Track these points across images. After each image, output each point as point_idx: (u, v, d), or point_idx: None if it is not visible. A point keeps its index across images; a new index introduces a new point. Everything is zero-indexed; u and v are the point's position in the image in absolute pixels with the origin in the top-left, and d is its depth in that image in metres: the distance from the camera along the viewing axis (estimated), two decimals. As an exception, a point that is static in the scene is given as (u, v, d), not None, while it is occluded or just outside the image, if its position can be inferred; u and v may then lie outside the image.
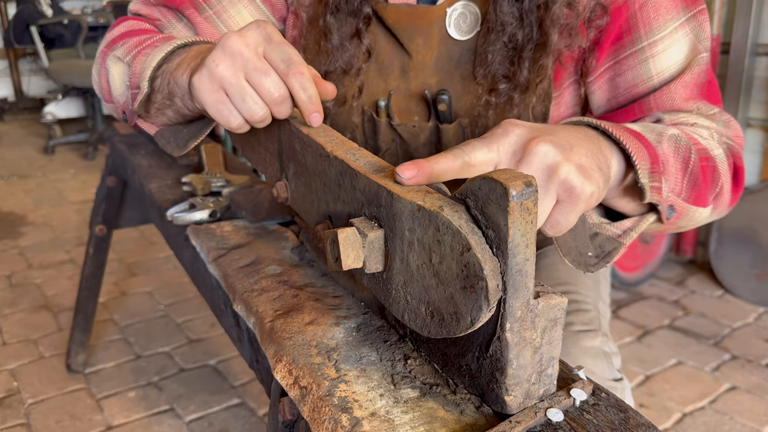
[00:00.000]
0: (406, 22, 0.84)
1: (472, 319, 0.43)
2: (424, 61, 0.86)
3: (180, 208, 0.95)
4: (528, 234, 0.41)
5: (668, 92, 0.80)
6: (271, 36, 0.62)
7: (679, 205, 0.69)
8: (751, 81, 2.29)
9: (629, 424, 0.45)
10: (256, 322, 0.63)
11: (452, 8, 0.82)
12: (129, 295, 2.35)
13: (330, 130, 0.62)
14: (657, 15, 0.79)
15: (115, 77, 0.83)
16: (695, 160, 0.72)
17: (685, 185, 0.71)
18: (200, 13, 0.90)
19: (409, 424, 0.46)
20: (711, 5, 2.24)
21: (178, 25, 0.93)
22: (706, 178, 0.73)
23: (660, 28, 0.79)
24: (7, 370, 1.88)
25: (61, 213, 3.23)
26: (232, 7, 0.90)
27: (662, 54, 0.80)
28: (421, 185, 0.49)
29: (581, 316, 0.88)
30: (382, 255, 0.51)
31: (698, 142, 0.76)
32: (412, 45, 0.85)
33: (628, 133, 0.64)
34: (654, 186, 0.64)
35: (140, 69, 0.77)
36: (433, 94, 0.86)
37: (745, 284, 2.26)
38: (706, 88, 0.82)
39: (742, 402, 1.72)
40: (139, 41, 0.82)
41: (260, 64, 0.60)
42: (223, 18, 0.90)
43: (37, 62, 5.35)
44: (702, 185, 0.73)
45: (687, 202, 0.70)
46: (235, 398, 1.76)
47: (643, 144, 0.65)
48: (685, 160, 0.71)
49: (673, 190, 0.68)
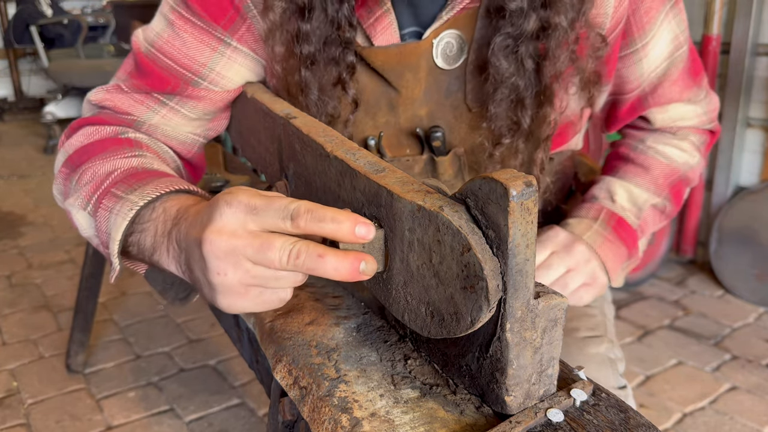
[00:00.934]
0: (396, 62, 0.79)
1: (472, 319, 0.43)
2: (413, 95, 0.82)
3: (180, 208, 0.94)
4: (528, 234, 0.41)
5: (662, 93, 0.89)
6: (251, 204, 0.50)
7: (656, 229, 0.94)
8: (751, 81, 2.29)
9: (629, 424, 0.45)
10: (256, 322, 0.63)
11: (438, 39, 0.78)
12: (129, 295, 2.35)
13: (330, 130, 0.62)
14: (649, 18, 0.82)
15: (81, 222, 0.73)
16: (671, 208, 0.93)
17: (662, 219, 0.94)
18: (197, 87, 0.82)
19: (409, 425, 0.46)
20: (711, 5, 2.24)
21: (161, 110, 0.83)
22: (680, 198, 0.94)
23: (651, 29, 0.83)
24: (7, 370, 1.88)
25: (61, 213, 3.23)
26: (229, 71, 0.82)
27: (652, 51, 0.85)
28: (422, 186, 0.49)
29: (586, 321, 0.89)
30: (382, 255, 0.51)
31: (676, 170, 0.93)
32: (401, 81, 0.80)
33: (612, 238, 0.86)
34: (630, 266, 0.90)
35: (105, 228, 0.68)
36: (425, 130, 0.82)
37: (745, 284, 2.26)
38: (691, 70, 0.90)
39: (743, 402, 1.72)
40: (97, 180, 0.72)
41: (257, 241, 0.49)
42: (222, 84, 0.83)
43: (37, 62, 5.35)
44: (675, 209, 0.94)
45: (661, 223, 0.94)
46: (235, 398, 1.76)
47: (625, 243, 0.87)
48: (662, 212, 0.93)
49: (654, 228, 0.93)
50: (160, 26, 0.82)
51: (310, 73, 0.77)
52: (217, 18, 0.80)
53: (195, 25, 0.80)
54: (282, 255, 0.48)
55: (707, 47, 2.26)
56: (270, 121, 0.71)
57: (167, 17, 0.81)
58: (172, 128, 0.84)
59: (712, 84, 2.30)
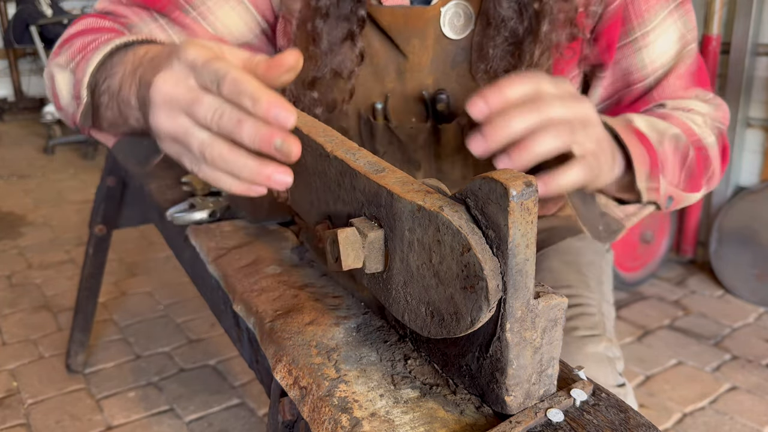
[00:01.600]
0: (402, 24, 0.83)
1: (472, 319, 0.43)
2: (420, 63, 0.85)
3: (180, 208, 0.95)
4: (528, 234, 0.41)
5: (667, 85, 0.86)
6: (194, 61, 0.52)
7: (677, 194, 0.79)
8: (751, 81, 2.29)
9: (629, 424, 0.45)
10: (256, 322, 0.63)
11: (446, 8, 0.82)
12: (129, 295, 2.35)
13: (330, 130, 0.62)
14: (648, 6, 0.83)
15: (61, 86, 0.77)
16: (692, 156, 0.79)
17: (682, 178, 0.79)
18: (186, 15, 0.85)
19: (409, 425, 0.46)
20: (711, 5, 2.24)
21: (152, 24, 0.86)
22: (700, 168, 0.82)
23: (651, 18, 0.83)
24: (7, 370, 1.88)
25: (61, 213, 3.23)
26: (219, 9, 0.86)
27: (654, 43, 0.84)
28: (422, 186, 0.49)
29: (585, 320, 0.88)
30: (382, 255, 0.51)
31: (694, 133, 0.82)
32: (408, 47, 0.84)
33: (634, 136, 0.72)
34: (651, 187, 0.74)
35: (81, 77, 0.72)
36: (430, 94, 0.85)
37: (745, 284, 2.26)
38: (697, 75, 0.88)
39: (743, 402, 1.72)
40: (84, 44, 0.75)
41: (190, 95, 0.52)
42: (210, 20, 0.85)
43: (37, 62, 5.36)
44: (697, 175, 0.82)
45: (684, 191, 0.80)
46: (235, 398, 1.76)
47: (645, 147, 0.72)
48: (684, 157, 0.79)
49: (671, 183, 0.77)
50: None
51: (322, 23, 0.81)
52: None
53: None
54: (207, 113, 0.51)
55: (707, 47, 2.26)
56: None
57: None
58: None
59: (712, 84, 2.30)
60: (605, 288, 0.99)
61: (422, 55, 0.84)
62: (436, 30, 0.83)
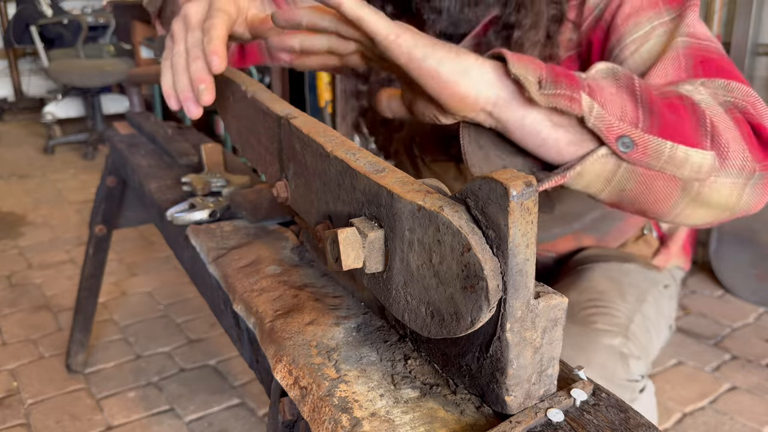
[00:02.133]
0: None
1: (473, 319, 0.43)
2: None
3: (180, 208, 0.95)
4: (528, 234, 0.41)
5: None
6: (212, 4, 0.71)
7: (638, 135, 0.62)
8: (751, 81, 2.29)
9: (629, 424, 0.45)
10: (256, 322, 0.63)
11: None
12: (129, 295, 2.35)
13: (330, 130, 0.62)
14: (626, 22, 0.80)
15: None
16: (642, 87, 0.65)
17: (643, 116, 0.63)
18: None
19: (409, 425, 0.46)
20: (711, 5, 2.24)
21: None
22: (682, 114, 0.65)
23: (630, 32, 0.79)
24: (7, 370, 1.88)
25: (61, 213, 3.23)
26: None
27: (635, 53, 0.78)
28: (422, 186, 0.49)
29: (607, 319, 0.88)
30: (382, 255, 0.51)
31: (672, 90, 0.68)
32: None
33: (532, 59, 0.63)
34: (557, 94, 0.59)
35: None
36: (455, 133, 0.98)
37: (745, 284, 2.26)
38: (700, 67, 0.74)
39: (742, 402, 1.72)
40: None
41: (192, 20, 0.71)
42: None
43: (37, 62, 5.35)
44: (669, 117, 0.64)
45: (649, 132, 0.62)
46: (235, 398, 1.76)
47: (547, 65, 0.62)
48: (629, 88, 0.64)
49: (623, 118, 0.62)
50: None
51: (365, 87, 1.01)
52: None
53: None
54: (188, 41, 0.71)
55: (707, 47, 2.26)
56: (270, 121, 0.71)
57: None
58: None
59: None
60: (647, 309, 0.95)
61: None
62: None
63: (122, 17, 5.09)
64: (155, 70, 1.36)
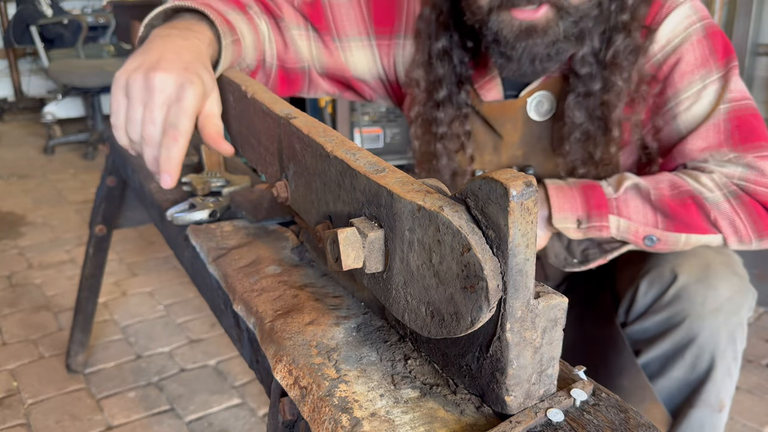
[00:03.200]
0: (498, 113, 1.05)
1: (473, 319, 0.43)
2: (512, 140, 1.05)
3: (180, 208, 0.95)
4: (528, 234, 0.41)
5: (685, 144, 0.95)
6: (181, 99, 0.72)
7: (660, 234, 0.90)
8: (751, 81, 2.29)
9: (629, 424, 0.45)
10: (256, 322, 0.63)
11: (532, 98, 1.02)
12: (129, 295, 2.35)
13: (330, 130, 0.62)
14: (682, 79, 0.94)
15: None
16: (657, 197, 0.90)
17: (661, 218, 0.90)
18: (332, 41, 1.08)
19: (409, 425, 0.46)
20: (711, 5, 2.24)
21: (300, 30, 1.06)
22: (687, 209, 0.90)
23: (685, 89, 0.94)
24: (7, 370, 1.88)
25: (61, 213, 3.23)
26: (356, 49, 1.11)
27: (689, 110, 0.94)
28: (422, 186, 0.49)
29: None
30: (382, 255, 0.51)
31: (683, 184, 0.91)
32: (503, 129, 1.05)
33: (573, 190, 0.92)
34: (591, 227, 0.90)
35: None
36: (520, 166, 1.07)
37: (745, 284, 2.25)
38: (737, 132, 0.92)
39: (742, 402, 1.72)
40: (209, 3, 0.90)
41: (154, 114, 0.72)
42: (346, 53, 1.10)
43: (37, 62, 5.35)
44: (682, 215, 0.89)
45: (666, 230, 0.90)
46: (235, 398, 1.76)
47: (586, 195, 0.91)
48: (648, 199, 0.90)
49: (646, 224, 0.90)
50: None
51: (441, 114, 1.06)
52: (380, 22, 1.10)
53: (361, 10, 1.10)
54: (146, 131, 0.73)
55: (707, 47, 2.26)
56: (270, 121, 0.71)
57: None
58: (296, 43, 1.06)
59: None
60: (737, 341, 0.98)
61: (514, 135, 1.05)
62: (524, 115, 1.03)
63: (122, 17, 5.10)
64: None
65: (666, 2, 0.96)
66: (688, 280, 0.90)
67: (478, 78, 1.06)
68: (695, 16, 0.95)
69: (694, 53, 0.94)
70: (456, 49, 1.04)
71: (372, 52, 1.11)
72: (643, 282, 0.95)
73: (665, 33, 0.95)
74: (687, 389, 0.93)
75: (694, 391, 0.92)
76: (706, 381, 0.91)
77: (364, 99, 1.22)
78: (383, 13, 1.10)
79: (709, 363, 0.90)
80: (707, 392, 0.91)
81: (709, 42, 0.94)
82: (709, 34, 0.94)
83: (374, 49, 1.11)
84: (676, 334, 0.91)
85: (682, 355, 0.91)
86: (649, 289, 0.94)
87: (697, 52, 0.93)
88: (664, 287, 0.92)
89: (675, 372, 0.93)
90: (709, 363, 0.90)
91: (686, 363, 0.91)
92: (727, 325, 0.89)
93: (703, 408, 0.93)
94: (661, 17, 0.95)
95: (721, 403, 0.93)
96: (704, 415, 0.93)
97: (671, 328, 0.91)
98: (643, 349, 0.95)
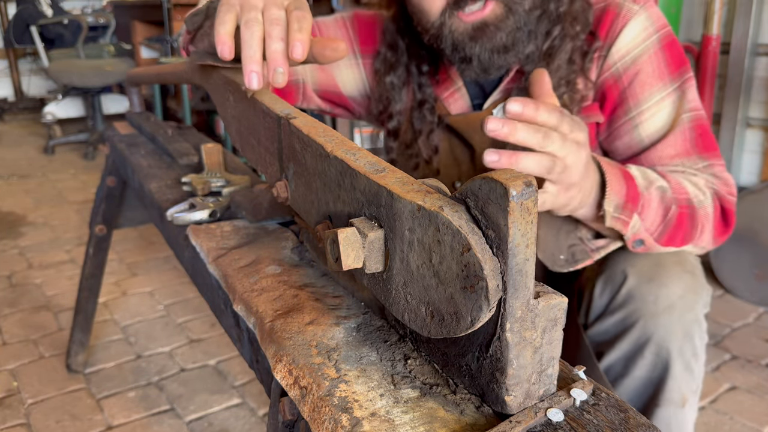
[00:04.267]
0: (465, 125, 1.07)
1: (472, 319, 0.43)
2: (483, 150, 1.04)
3: (180, 208, 0.95)
4: (528, 234, 0.41)
5: (656, 151, 0.98)
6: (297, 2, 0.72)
7: (650, 242, 0.91)
8: (751, 81, 2.29)
9: (629, 424, 0.45)
10: (256, 322, 0.63)
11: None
12: (129, 295, 2.35)
13: (330, 130, 0.62)
14: (642, 90, 0.98)
15: None
16: (674, 211, 0.91)
17: (660, 230, 0.91)
18: None
19: (409, 424, 0.46)
20: (711, 5, 2.24)
21: None
22: (683, 226, 0.92)
23: (646, 99, 0.97)
24: (7, 370, 1.88)
25: (61, 213, 3.23)
26: (345, 68, 1.16)
27: (650, 120, 0.98)
28: (422, 186, 0.49)
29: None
30: (382, 255, 0.51)
31: (684, 191, 0.93)
32: (473, 140, 1.07)
33: (620, 173, 0.85)
34: (619, 218, 0.86)
35: None
36: None
37: (745, 284, 2.26)
38: (700, 141, 0.97)
39: (742, 402, 1.72)
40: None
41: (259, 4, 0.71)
42: (335, 72, 1.16)
43: (37, 62, 5.36)
44: (676, 233, 0.92)
45: (658, 243, 0.91)
46: (235, 398, 1.76)
47: (627, 184, 0.85)
48: (666, 210, 0.90)
49: (648, 230, 0.90)
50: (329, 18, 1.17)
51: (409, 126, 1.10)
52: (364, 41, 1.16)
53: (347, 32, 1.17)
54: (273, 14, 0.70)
55: (707, 47, 2.26)
56: (270, 121, 0.71)
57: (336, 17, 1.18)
58: None
59: (711, 84, 2.30)
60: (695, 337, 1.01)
61: (484, 145, 1.06)
62: None
63: (122, 17, 5.10)
64: (155, 70, 1.36)
65: (621, 11, 0.98)
66: (639, 280, 0.92)
67: (443, 91, 1.09)
68: (652, 27, 0.98)
69: (652, 65, 0.97)
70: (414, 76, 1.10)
71: (359, 71, 1.17)
72: (597, 283, 0.97)
73: (624, 43, 0.98)
74: (651, 388, 0.94)
75: (657, 389, 0.93)
76: (666, 378, 0.92)
77: (353, 117, 1.26)
78: (367, 34, 1.16)
79: (667, 360, 0.91)
80: (669, 389, 0.92)
81: (665, 54, 0.98)
82: (664, 46, 0.97)
83: (361, 68, 1.17)
84: (632, 333, 0.92)
85: (642, 354, 0.92)
86: (603, 291, 0.96)
87: (655, 64, 0.97)
88: (616, 288, 0.94)
89: (637, 371, 0.93)
90: (667, 360, 0.91)
91: (647, 362, 0.92)
92: (681, 322, 0.89)
93: (667, 406, 0.93)
94: (618, 28, 0.98)
95: (683, 398, 0.93)
96: (669, 413, 0.94)
97: (627, 328, 0.92)
98: (606, 350, 0.96)
